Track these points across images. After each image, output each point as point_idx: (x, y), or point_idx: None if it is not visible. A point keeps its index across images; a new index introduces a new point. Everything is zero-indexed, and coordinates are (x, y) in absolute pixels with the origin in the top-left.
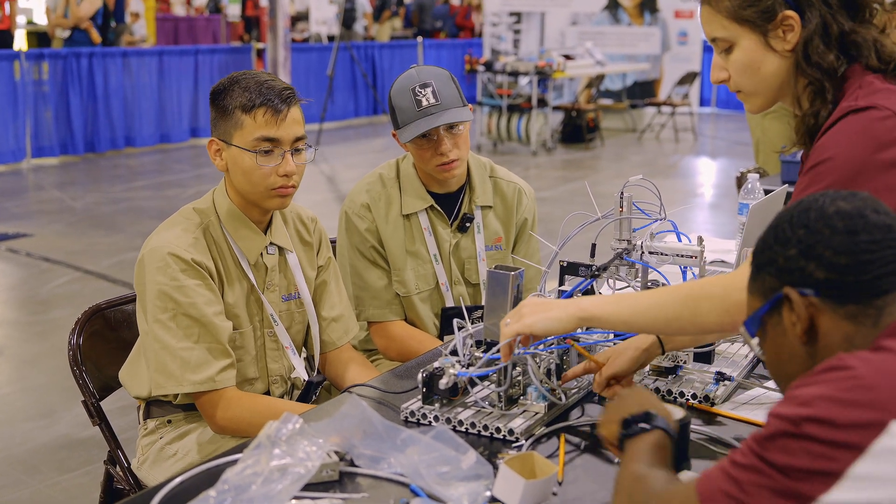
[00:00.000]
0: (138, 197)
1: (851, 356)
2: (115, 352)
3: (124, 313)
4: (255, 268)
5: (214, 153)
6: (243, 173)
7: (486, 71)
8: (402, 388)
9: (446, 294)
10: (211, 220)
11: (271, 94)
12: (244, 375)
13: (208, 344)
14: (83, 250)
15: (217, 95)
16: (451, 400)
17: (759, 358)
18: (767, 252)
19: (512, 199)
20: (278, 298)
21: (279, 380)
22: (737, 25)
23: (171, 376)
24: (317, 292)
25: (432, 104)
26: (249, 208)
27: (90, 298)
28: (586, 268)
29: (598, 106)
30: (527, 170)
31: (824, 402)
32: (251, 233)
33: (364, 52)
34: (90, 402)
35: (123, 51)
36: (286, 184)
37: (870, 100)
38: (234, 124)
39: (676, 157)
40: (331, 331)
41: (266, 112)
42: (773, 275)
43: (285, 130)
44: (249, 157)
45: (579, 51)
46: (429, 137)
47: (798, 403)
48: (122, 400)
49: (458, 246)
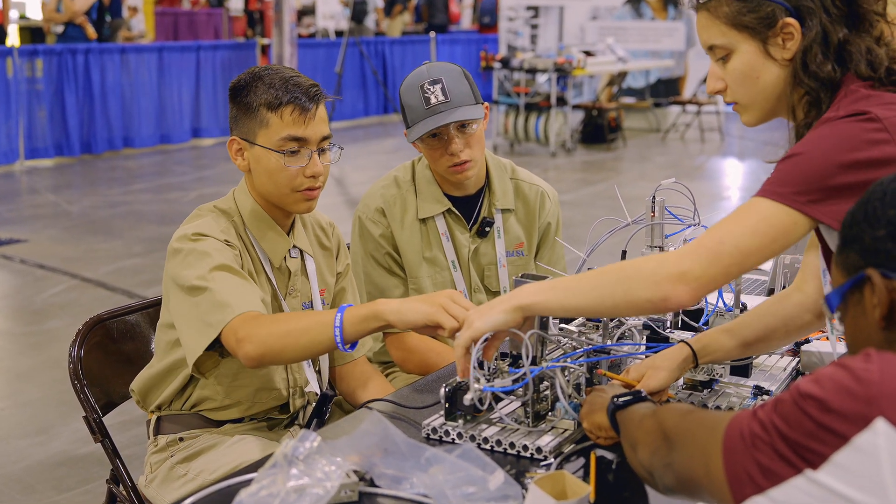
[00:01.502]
0: (137, 201)
1: (881, 353)
2: (117, 365)
3: (127, 324)
4: (279, 272)
5: (235, 153)
6: (268, 174)
7: (503, 68)
8: (423, 403)
9: None
10: (234, 220)
11: (298, 91)
12: (271, 383)
13: (250, 287)
14: (80, 257)
15: (238, 92)
16: (476, 416)
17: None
18: (855, 228)
19: (534, 202)
20: (299, 306)
21: (299, 391)
22: (736, 32)
23: (224, 307)
24: (334, 301)
25: (441, 101)
26: (273, 210)
27: (88, 308)
28: None
29: (620, 104)
30: (545, 171)
31: (831, 384)
32: (276, 234)
33: (374, 48)
34: (92, 417)
35: (121, 47)
36: (313, 185)
37: (850, 108)
38: (258, 123)
39: (702, 159)
40: None
41: (294, 110)
42: (858, 253)
43: (313, 129)
44: (275, 158)
45: (600, 47)
46: (439, 137)
47: (813, 379)
48: (124, 414)
49: (478, 252)
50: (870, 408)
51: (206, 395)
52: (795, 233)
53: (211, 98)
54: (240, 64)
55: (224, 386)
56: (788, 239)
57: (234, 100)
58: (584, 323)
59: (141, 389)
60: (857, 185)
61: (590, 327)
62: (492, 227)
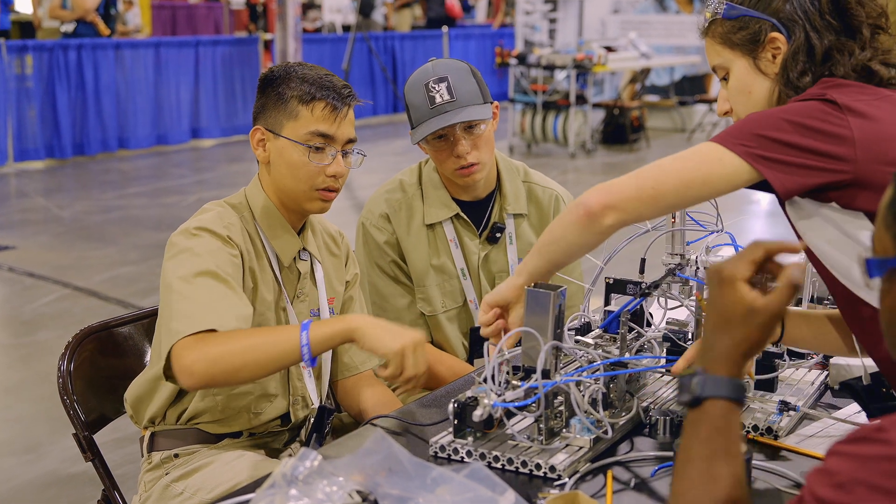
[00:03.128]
0: (133, 205)
1: (891, 423)
2: (109, 379)
3: (120, 336)
4: (287, 272)
5: (257, 143)
6: (289, 167)
7: (519, 64)
8: (431, 419)
9: (475, 312)
10: (244, 215)
11: (332, 89)
12: (265, 389)
13: (234, 300)
14: (71, 264)
15: (271, 82)
16: (486, 433)
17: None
18: None
19: (548, 206)
20: (307, 311)
21: (300, 400)
22: (729, 50)
23: (188, 318)
24: (342, 310)
25: (447, 101)
26: (286, 208)
27: (80, 318)
28: (635, 285)
29: (643, 103)
30: (564, 174)
31: (863, 491)
32: (286, 233)
33: (383, 44)
34: (82, 434)
35: (116, 42)
36: (333, 186)
37: (814, 92)
38: (288, 114)
39: None
40: (353, 353)
41: (325, 107)
42: None
43: (341, 129)
44: (300, 152)
45: (622, 42)
46: (445, 138)
47: (835, 485)
48: (117, 431)
49: (488, 259)
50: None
51: (202, 406)
52: (733, 180)
53: (211, 96)
54: (241, 60)
55: (223, 395)
56: (723, 183)
57: (263, 90)
58: (601, 335)
59: (134, 399)
60: (806, 152)
61: (607, 339)
62: (503, 232)
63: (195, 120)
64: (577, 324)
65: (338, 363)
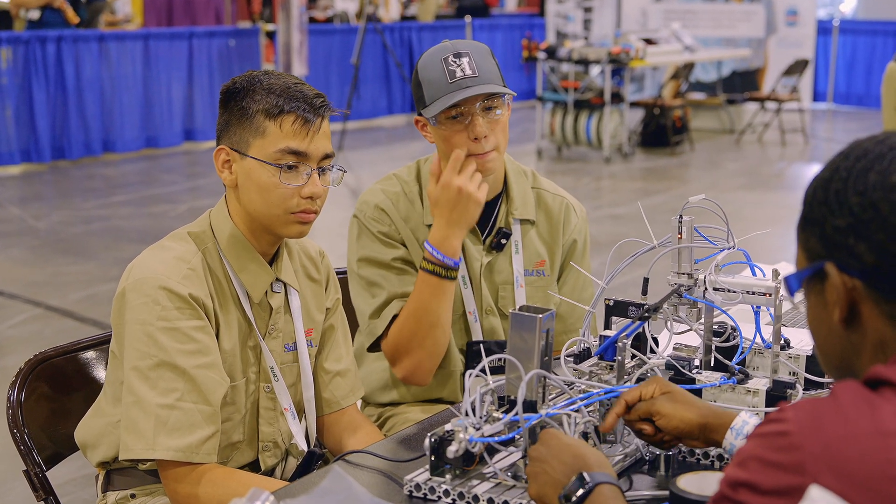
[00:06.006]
0: (117, 215)
1: (793, 406)
2: (66, 411)
3: (78, 362)
4: (258, 308)
5: (222, 164)
6: (259, 191)
7: (549, 59)
8: (409, 455)
9: (474, 325)
10: (208, 246)
11: (302, 100)
12: (228, 438)
13: (194, 404)
14: (46, 281)
15: (232, 95)
16: (466, 470)
17: None
18: (817, 208)
19: (558, 215)
20: (280, 347)
21: (271, 446)
22: None
23: (141, 437)
24: (322, 338)
25: (468, 76)
26: (258, 235)
27: (52, 341)
28: (636, 307)
29: (687, 101)
30: (598, 180)
31: (755, 464)
32: (256, 265)
33: (398, 36)
34: (34, 472)
35: (100, 34)
36: (309, 208)
37: None
38: (253, 131)
39: (783, 165)
40: (334, 387)
41: (296, 120)
42: (819, 239)
43: (315, 145)
44: (269, 173)
45: (664, 34)
46: (460, 118)
47: (737, 462)
48: (81, 469)
49: (492, 267)
50: (800, 477)
51: None
52: None
53: (206, 94)
54: (240, 54)
55: None
56: None
57: (225, 104)
58: (597, 362)
59: (83, 442)
60: None
61: (603, 367)
62: (508, 239)
63: (189, 120)
64: (575, 350)
65: (319, 399)
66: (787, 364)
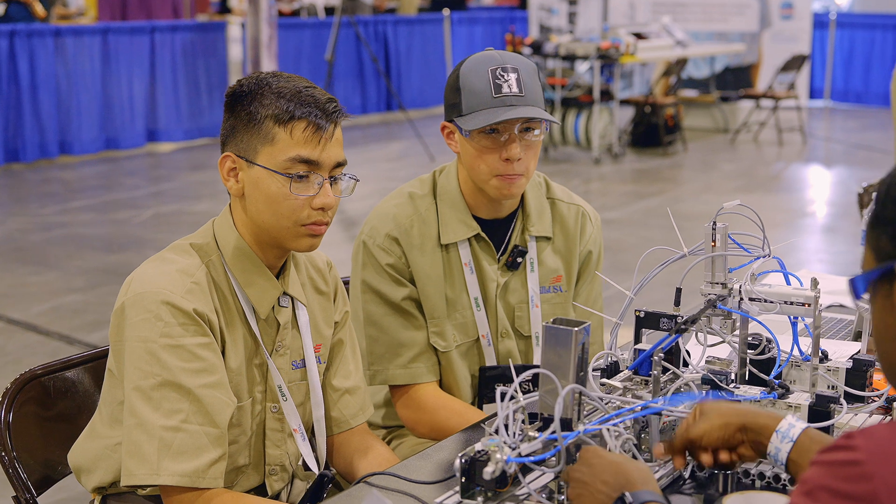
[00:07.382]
0: (77, 222)
1: (861, 432)
2: (55, 432)
3: (67, 381)
4: (265, 324)
5: (228, 172)
6: (267, 202)
7: (534, 54)
8: (434, 476)
9: (487, 349)
10: (212, 259)
11: (313, 105)
12: (234, 462)
13: (199, 426)
14: (5, 293)
15: (239, 99)
16: (499, 492)
17: None
18: (890, 207)
19: (574, 225)
20: (288, 365)
21: (279, 470)
22: None
23: (144, 461)
24: (331, 354)
25: (514, 93)
26: (265, 247)
27: (15, 357)
28: (669, 319)
29: (679, 99)
30: (587, 182)
31: (824, 494)
32: (263, 279)
33: (374, 30)
34: (23, 497)
35: (56, 28)
36: (321, 219)
37: None
38: (262, 138)
39: (780, 166)
40: (343, 405)
41: (307, 127)
42: (890, 238)
43: (327, 153)
44: (279, 183)
45: (654, 28)
46: (496, 136)
47: (805, 492)
48: (66, 489)
49: (507, 287)
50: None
51: None
52: None
53: (170, 92)
54: (205, 50)
55: None
56: None
57: (231, 108)
58: (631, 377)
59: (77, 467)
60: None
61: (637, 382)
62: (524, 257)
63: (151, 120)
64: (602, 363)
65: (327, 419)
66: (826, 377)
